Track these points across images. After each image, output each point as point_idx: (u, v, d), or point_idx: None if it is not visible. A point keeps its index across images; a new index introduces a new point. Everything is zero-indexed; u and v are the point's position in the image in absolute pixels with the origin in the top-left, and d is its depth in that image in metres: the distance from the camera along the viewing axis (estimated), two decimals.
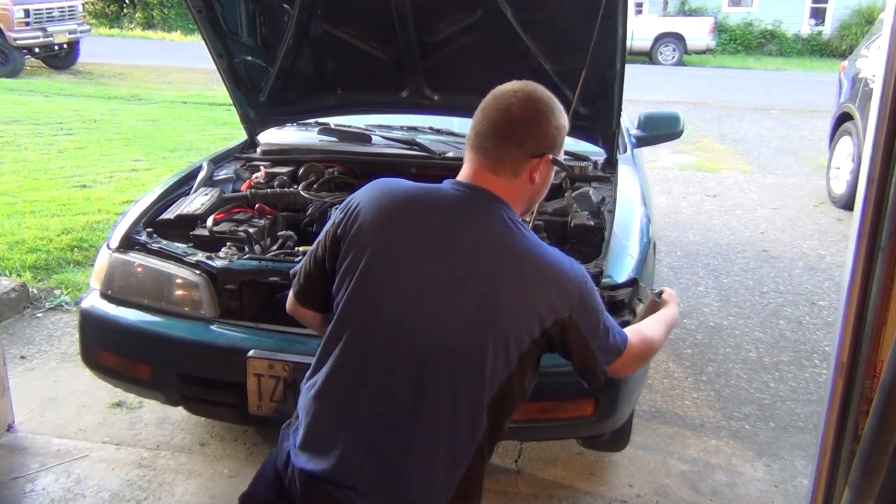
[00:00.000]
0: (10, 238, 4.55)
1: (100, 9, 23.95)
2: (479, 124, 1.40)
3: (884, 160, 1.41)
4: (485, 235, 1.35)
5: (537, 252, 1.35)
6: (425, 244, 1.36)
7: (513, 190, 1.40)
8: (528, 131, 1.38)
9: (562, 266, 1.34)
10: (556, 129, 1.41)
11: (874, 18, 15.65)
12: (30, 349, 3.41)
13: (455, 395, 1.31)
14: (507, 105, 1.38)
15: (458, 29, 2.69)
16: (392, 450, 1.33)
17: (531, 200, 1.48)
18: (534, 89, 1.41)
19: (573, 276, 1.34)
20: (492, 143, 1.38)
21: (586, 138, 2.93)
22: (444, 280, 1.33)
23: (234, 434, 2.77)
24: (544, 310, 1.30)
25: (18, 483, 2.49)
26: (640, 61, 17.69)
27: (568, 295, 1.32)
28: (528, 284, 1.31)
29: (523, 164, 1.39)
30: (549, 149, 1.40)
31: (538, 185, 1.43)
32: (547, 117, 1.39)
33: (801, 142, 8.99)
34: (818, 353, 3.59)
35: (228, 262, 2.24)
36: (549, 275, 1.33)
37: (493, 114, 1.39)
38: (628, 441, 2.62)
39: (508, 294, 1.31)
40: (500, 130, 1.38)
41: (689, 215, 5.82)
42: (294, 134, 3.40)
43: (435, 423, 1.32)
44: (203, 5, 2.71)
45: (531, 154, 1.38)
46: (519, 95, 1.38)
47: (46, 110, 9.14)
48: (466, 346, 1.31)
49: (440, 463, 1.32)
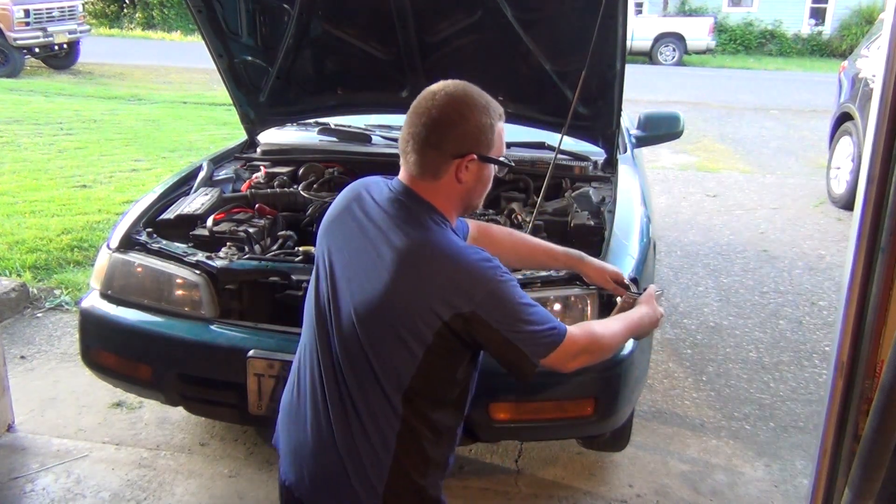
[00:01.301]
0: (11, 238, 4.55)
1: (100, 9, 23.96)
2: (403, 129, 1.42)
3: (884, 160, 1.41)
4: (396, 233, 1.37)
5: (441, 248, 1.35)
6: (351, 238, 1.43)
7: (436, 191, 1.41)
8: (447, 133, 1.38)
9: (465, 263, 1.34)
10: (479, 127, 1.39)
11: (874, 18, 15.66)
12: (30, 349, 3.41)
13: (364, 381, 1.36)
14: (426, 108, 1.39)
15: (458, 29, 2.69)
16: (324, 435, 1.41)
17: (466, 200, 1.46)
18: (455, 89, 1.40)
19: (478, 274, 1.33)
20: (411, 146, 1.40)
21: (586, 138, 2.93)
22: (359, 272, 1.38)
23: (234, 434, 2.77)
24: (439, 304, 1.31)
25: (18, 483, 2.49)
26: (640, 61, 17.70)
27: (467, 291, 1.31)
28: (420, 278, 1.33)
29: (444, 167, 1.39)
30: (473, 147, 1.39)
31: (468, 184, 1.42)
32: (466, 116, 1.38)
33: (801, 142, 8.99)
34: (818, 353, 3.59)
35: (228, 262, 2.24)
36: (446, 271, 1.33)
37: (412, 118, 1.41)
38: (628, 441, 2.62)
39: (402, 286, 1.33)
40: (417, 134, 1.39)
41: (689, 215, 5.82)
42: (294, 134, 3.40)
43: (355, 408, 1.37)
44: (203, 5, 2.71)
45: (452, 154, 1.38)
46: (438, 97, 1.39)
47: (46, 110, 9.14)
48: (371, 334, 1.35)
49: (367, 444, 1.36)
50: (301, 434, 1.45)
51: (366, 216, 1.43)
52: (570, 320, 2.10)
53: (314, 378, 1.43)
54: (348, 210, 1.48)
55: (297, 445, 1.46)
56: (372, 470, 1.37)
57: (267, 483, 2.51)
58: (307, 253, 2.27)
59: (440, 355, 1.35)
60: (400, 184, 1.44)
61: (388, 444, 1.36)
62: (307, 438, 1.43)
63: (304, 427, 1.44)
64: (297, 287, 2.15)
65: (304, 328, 1.51)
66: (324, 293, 1.44)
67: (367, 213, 1.44)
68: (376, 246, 1.38)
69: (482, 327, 1.32)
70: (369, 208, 1.44)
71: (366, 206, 1.45)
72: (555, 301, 2.09)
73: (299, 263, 2.23)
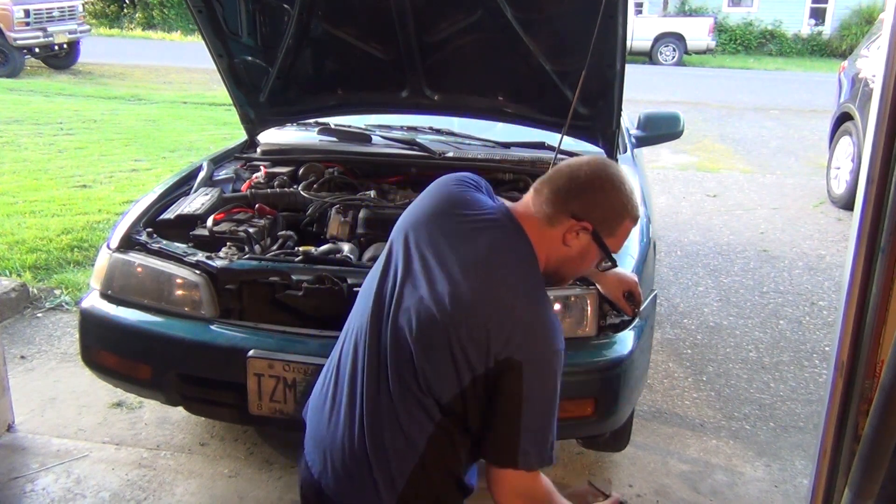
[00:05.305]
0: (11, 238, 4.55)
1: (100, 9, 23.97)
2: (550, 171, 1.45)
3: (884, 160, 1.41)
4: (493, 260, 1.36)
5: (528, 293, 1.35)
6: (441, 244, 1.40)
7: (541, 237, 1.40)
8: (581, 193, 1.39)
9: (543, 320, 1.33)
10: (611, 207, 1.40)
11: (874, 18, 15.64)
12: (30, 349, 3.41)
13: (407, 384, 1.34)
14: (579, 164, 1.43)
15: (458, 29, 2.69)
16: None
17: (557, 264, 1.43)
18: (614, 170, 1.43)
19: (549, 337, 1.32)
20: (546, 185, 1.42)
21: (586, 138, 2.92)
22: (438, 280, 1.35)
23: (234, 434, 2.77)
24: (499, 342, 1.28)
25: (18, 483, 2.49)
26: (640, 61, 17.69)
27: (530, 345, 1.30)
28: (498, 311, 1.31)
29: (560, 219, 1.39)
30: (595, 220, 1.39)
31: (570, 252, 1.41)
32: (606, 191, 1.40)
33: (801, 142, 8.99)
34: (818, 353, 3.59)
35: (228, 262, 2.24)
36: (523, 316, 1.31)
37: (563, 167, 1.43)
38: (628, 441, 2.62)
39: (476, 310, 1.31)
40: (556, 179, 1.41)
41: (689, 215, 5.82)
42: (294, 134, 3.40)
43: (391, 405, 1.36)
44: (203, 5, 2.71)
45: (573, 213, 1.39)
46: (593, 164, 1.42)
47: (46, 110, 9.14)
48: (426, 342, 1.33)
49: (396, 440, 1.35)
50: (332, 422, 1.43)
51: (463, 227, 1.41)
52: (570, 320, 2.12)
53: (355, 366, 1.42)
54: (448, 215, 1.44)
55: (326, 433, 1.44)
56: (396, 465, 1.36)
57: (267, 483, 2.51)
58: (307, 253, 2.27)
59: (484, 387, 1.33)
60: (509, 211, 1.43)
61: (418, 445, 1.35)
62: (338, 427, 1.41)
63: (337, 415, 1.42)
64: (297, 287, 2.15)
65: (354, 316, 1.49)
66: (389, 286, 1.41)
67: (465, 225, 1.41)
68: (468, 262, 1.36)
69: (515, 381, 1.29)
70: (471, 221, 1.41)
71: (467, 218, 1.42)
72: (554, 301, 2.07)
73: (299, 263, 2.23)
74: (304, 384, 2.03)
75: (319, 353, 2.04)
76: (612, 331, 2.16)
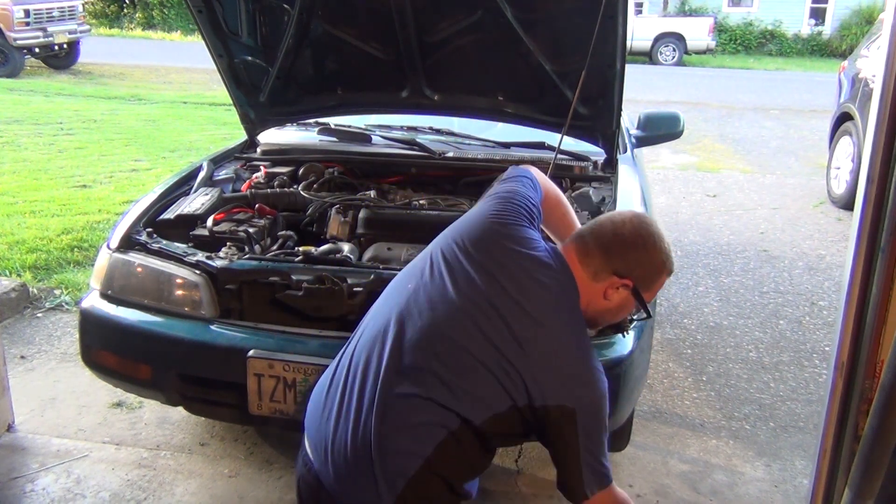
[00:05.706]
0: (11, 238, 4.55)
1: (100, 9, 23.97)
2: (593, 222, 1.54)
3: (884, 160, 1.41)
4: (548, 307, 1.43)
5: (576, 341, 1.43)
6: (500, 269, 1.45)
7: (587, 289, 1.48)
8: (624, 251, 1.47)
9: (588, 368, 1.41)
10: (651, 264, 1.49)
11: (874, 18, 15.64)
12: (30, 349, 3.41)
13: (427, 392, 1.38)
14: (622, 220, 1.52)
15: (458, 29, 2.69)
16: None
17: (596, 314, 1.53)
18: (650, 223, 1.52)
19: (597, 384, 1.41)
20: (592, 240, 1.49)
21: (586, 138, 2.92)
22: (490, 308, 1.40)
23: (234, 434, 2.77)
24: (551, 391, 1.36)
25: (18, 483, 2.49)
26: (640, 61, 17.69)
27: (581, 394, 1.38)
28: (552, 360, 1.38)
29: (604, 276, 1.47)
30: (635, 277, 1.48)
31: (609, 305, 1.50)
32: (647, 249, 1.48)
33: (801, 142, 8.98)
34: (818, 353, 3.59)
35: (228, 262, 2.24)
36: (570, 364, 1.40)
37: (606, 222, 1.53)
38: (628, 441, 2.62)
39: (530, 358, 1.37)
40: (601, 235, 1.49)
41: (689, 215, 5.82)
42: (294, 134, 3.40)
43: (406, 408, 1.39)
44: (203, 5, 2.71)
45: (614, 270, 1.47)
46: (635, 222, 1.50)
47: (46, 110, 9.14)
48: (457, 364, 1.38)
49: (404, 441, 1.39)
50: (339, 417, 1.44)
51: (520, 264, 1.46)
52: None
53: (369, 364, 1.43)
54: (499, 245, 1.48)
55: (331, 427, 1.44)
56: (400, 465, 1.37)
57: (267, 483, 2.51)
58: (307, 253, 2.27)
59: (512, 416, 1.38)
60: (563, 259, 1.49)
61: (425, 449, 1.37)
62: (345, 423, 1.42)
63: (346, 411, 1.43)
64: (297, 287, 2.15)
65: (378, 315, 1.51)
66: (429, 294, 1.45)
67: (521, 262, 1.46)
68: (526, 304, 1.41)
69: (569, 427, 1.37)
70: (525, 258, 1.46)
71: (521, 255, 1.46)
72: None
73: (299, 263, 2.23)
74: (304, 384, 2.03)
75: (319, 354, 2.05)
76: (612, 331, 2.15)
